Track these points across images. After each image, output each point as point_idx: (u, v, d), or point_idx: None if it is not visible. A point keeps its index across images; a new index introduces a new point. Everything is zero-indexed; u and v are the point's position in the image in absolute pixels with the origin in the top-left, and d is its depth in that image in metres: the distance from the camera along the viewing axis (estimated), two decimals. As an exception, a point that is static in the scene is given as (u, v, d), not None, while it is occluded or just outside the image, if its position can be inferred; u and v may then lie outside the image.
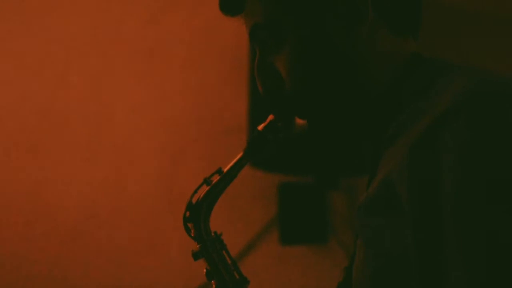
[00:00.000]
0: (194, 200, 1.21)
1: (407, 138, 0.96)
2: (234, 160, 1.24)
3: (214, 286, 1.16)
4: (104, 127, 2.78)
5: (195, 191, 1.21)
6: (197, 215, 1.19)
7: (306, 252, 2.76)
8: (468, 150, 0.90)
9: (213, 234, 1.20)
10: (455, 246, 0.89)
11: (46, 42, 2.77)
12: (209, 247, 1.18)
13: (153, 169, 2.77)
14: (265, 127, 1.19)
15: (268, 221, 2.77)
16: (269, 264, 2.76)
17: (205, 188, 1.22)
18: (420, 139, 0.94)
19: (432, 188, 0.91)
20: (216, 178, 1.22)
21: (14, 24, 2.76)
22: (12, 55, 2.76)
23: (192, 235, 1.19)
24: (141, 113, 2.79)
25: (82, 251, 2.75)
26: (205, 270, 1.17)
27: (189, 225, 1.20)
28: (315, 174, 2.65)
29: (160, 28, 2.78)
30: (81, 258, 2.75)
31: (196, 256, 1.18)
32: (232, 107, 2.77)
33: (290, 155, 2.50)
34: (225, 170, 1.23)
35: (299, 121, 1.12)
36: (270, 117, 1.19)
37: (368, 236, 1.00)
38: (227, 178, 1.22)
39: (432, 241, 0.91)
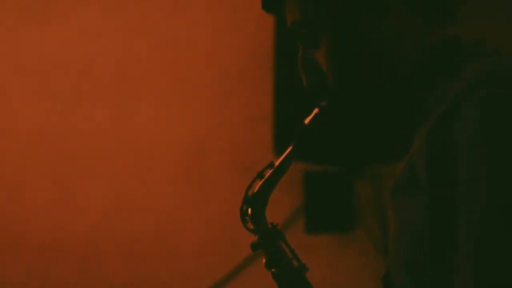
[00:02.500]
0: (249, 194, 1.31)
1: (430, 121, 1.04)
2: (284, 154, 1.32)
3: (273, 274, 1.27)
4: (129, 117, 2.87)
5: (250, 185, 1.31)
6: (253, 208, 1.30)
7: (332, 241, 2.85)
8: (480, 131, 0.97)
9: (269, 225, 1.32)
10: (467, 224, 0.96)
11: (71, 33, 2.85)
12: (266, 238, 1.29)
13: (177, 158, 2.86)
14: (311, 120, 1.28)
15: (294, 210, 2.85)
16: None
17: (259, 182, 1.32)
18: (437, 120, 1.01)
19: (447, 168, 0.98)
20: (268, 172, 1.32)
21: (40, 16, 2.84)
22: (37, 46, 2.85)
23: (250, 227, 1.30)
24: (165, 103, 2.87)
25: (105, 240, 2.84)
26: (264, 260, 1.29)
27: (247, 218, 1.31)
28: (341, 163, 2.75)
29: (183, 17, 2.85)
30: (103, 248, 2.84)
31: (254, 247, 1.29)
32: (256, 96, 2.84)
33: (316, 143, 2.60)
34: (277, 163, 1.33)
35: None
36: (316, 111, 1.28)
37: (397, 218, 1.08)
38: (279, 171, 1.31)
39: (445, 219, 0.98)
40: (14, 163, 2.86)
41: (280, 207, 2.87)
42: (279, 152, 2.70)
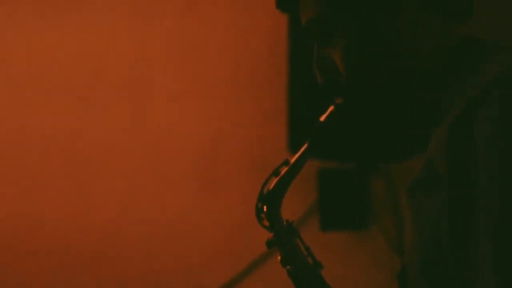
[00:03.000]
0: (265, 191, 1.32)
1: (450, 118, 1.05)
2: (300, 152, 1.33)
3: (288, 271, 1.29)
4: (143, 116, 2.89)
5: (265, 182, 1.32)
6: (269, 205, 1.32)
7: (347, 239, 2.87)
8: (500, 128, 0.97)
9: (285, 222, 1.33)
10: (487, 221, 0.96)
11: (85, 34, 2.88)
12: (282, 235, 1.30)
13: (192, 156, 2.88)
14: (326, 117, 1.29)
15: (309, 207, 2.87)
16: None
17: (274, 179, 1.34)
18: (458, 117, 1.02)
19: (467, 166, 0.98)
20: (284, 169, 1.34)
21: (52, 18, 2.88)
22: (51, 47, 2.88)
23: (265, 224, 1.31)
24: (179, 101, 2.89)
25: (119, 238, 2.87)
26: (279, 258, 1.30)
27: (262, 215, 1.32)
28: (355, 160, 2.76)
29: (197, 15, 2.88)
30: (118, 247, 2.87)
31: (270, 244, 1.30)
32: (271, 93, 2.87)
33: (330, 140, 2.61)
34: (292, 161, 1.34)
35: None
36: (331, 108, 1.29)
37: (414, 217, 1.09)
38: (294, 168, 1.33)
39: (465, 218, 0.99)
40: (30, 163, 2.89)
41: (294, 205, 2.87)
42: (293, 149, 2.73)
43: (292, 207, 2.83)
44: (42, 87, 2.88)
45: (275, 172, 1.33)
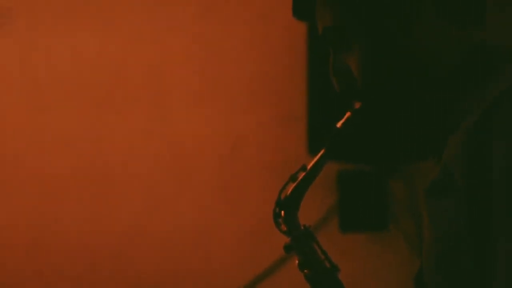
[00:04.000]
0: (282, 197, 1.37)
1: (466, 124, 1.08)
2: (317, 157, 1.38)
3: (306, 275, 1.34)
4: (163, 118, 2.93)
5: (283, 188, 1.37)
6: (286, 210, 1.37)
7: (367, 240, 2.90)
8: None
9: (302, 227, 1.38)
10: (505, 222, 1.00)
11: (103, 37, 2.92)
12: (299, 239, 1.35)
13: (211, 158, 2.92)
14: (343, 124, 1.33)
15: (328, 209, 2.90)
16: (328, 252, 2.90)
17: (292, 185, 1.39)
18: (476, 123, 1.06)
19: (486, 169, 1.02)
20: (301, 175, 1.38)
21: (72, 19, 2.91)
22: (71, 48, 2.91)
23: (283, 229, 1.36)
24: (200, 102, 2.93)
25: (139, 239, 2.91)
26: (297, 262, 1.35)
27: (280, 220, 1.37)
28: (375, 162, 2.80)
29: (216, 19, 2.91)
30: (137, 248, 2.91)
31: (287, 249, 1.35)
32: (290, 95, 2.90)
33: (350, 142, 2.65)
34: (309, 167, 1.39)
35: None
36: (348, 114, 1.33)
37: (431, 220, 1.12)
38: (312, 174, 1.38)
39: (483, 220, 1.02)
40: (49, 166, 2.92)
41: (314, 207, 2.92)
42: (313, 153, 2.75)
43: (312, 209, 2.88)
44: (61, 90, 2.92)
45: (293, 178, 1.38)
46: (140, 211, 2.92)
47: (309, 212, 2.85)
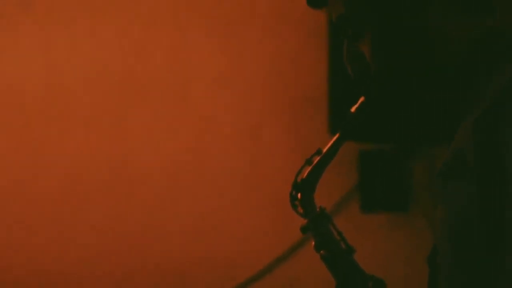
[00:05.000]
0: (298, 180, 1.43)
1: (477, 110, 1.13)
2: (331, 141, 1.43)
3: (322, 256, 1.39)
4: (184, 100, 2.98)
5: (299, 171, 1.43)
6: (302, 193, 1.43)
7: (387, 220, 2.95)
8: None
9: (318, 209, 1.44)
10: None
11: (124, 19, 2.96)
12: (315, 221, 1.41)
13: (233, 140, 2.96)
14: (357, 108, 1.38)
15: (349, 189, 2.94)
16: (349, 232, 2.90)
17: (307, 168, 1.44)
18: (485, 111, 1.10)
19: (496, 154, 1.07)
20: (316, 159, 1.44)
21: (92, 4, 2.96)
22: (93, 32, 2.96)
23: (300, 211, 1.42)
24: (220, 85, 2.97)
25: (164, 220, 2.96)
26: (313, 243, 1.41)
27: (296, 202, 1.43)
28: (396, 142, 2.83)
29: (237, 1, 2.95)
30: (163, 227, 2.96)
31: (304, 230, 1.41)
32: (311, 76, 2.93)
33: (371, 122, 2.69)
34: (324, 150, 1.44)
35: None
36: (361, 99, 1.38)
37: (443, 202, 1.16)
38: (327, 157, 1.43)
39: (494, 203, 1.07)
40: (74, 148, 2.97)
41: (335, 186, 2.96)
42: (334, 133, 2.79)
43: (333, 189, 2.93)
44: (82, 74, 2.96)
45: (308, 161, 1.43)
46: (161, 196, 2.97)
47: (330, 192, 2.92)
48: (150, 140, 2.97)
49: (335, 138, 1.42)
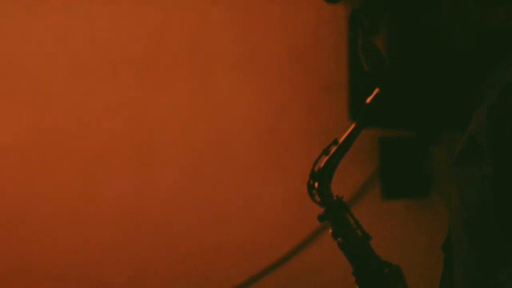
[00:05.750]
0: (316, 169, 1.48)
1: (490, 97, 1.17)
2: (348, 132, 1.47)
3: (339, 243, 1.44)
4: (205, 85, 3.01)
5: (316, 161, 1.47)
6: (319, 182, 1.48)
7: (408, 207, 2.99)
8: None
9: (335, 198, 1.49)
10: None
11: (145, 3, 2.99)
12: (332, 209, 1.46)
13: (253, 126, 3.01)
14: (372, 99, 1.43)
15: (369, 176, 2.99)
16: (370, 218, 2.90)
17: (324, 158, 1.49)
18: (498, 98, 1.14)
19: (509, 141, 1.10)
20: (333, 148, 1.49)
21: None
22: (112, 18, 3.00)
23: (317, 200, 1.47)
24: (240, 71, 3.00)
25: (184, 206, 3.00)
26: (330, 231, 1.46)
27: (314, 191, 1.48)
28: (416, 128, 2.86)
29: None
30: (183, 213, 3.00)
31: (321, 218, 1.46)
32: (331, 63, 2.97)
33: (391, 109, 2.71)
34: (340, 140, 1.49)
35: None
36: (376, 90, 1.42)
37: (459, 188, 1.19)
38: (343, 147, 1.47)
39: (509, 188, 1.09)
40: (96, 132, 3.01)
41: (355, 173, 2.99)
42: (354, 120, 2.82)
43: (354, 176, 2.97)
44: (102, 59, 3.00)
45: (325, 151, 1.48)
46: (183, 180, 3.01)
47: (350, 179, 2.95)
48: (170, 126, 3.01)
49: (351, 128, 1.47)
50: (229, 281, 2.97)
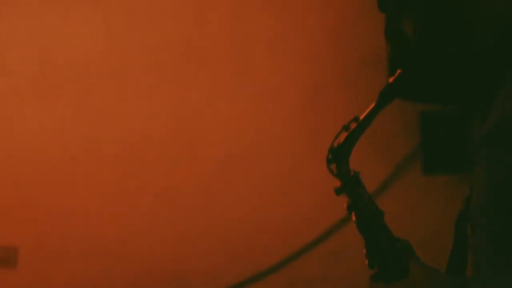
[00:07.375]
0: (335, 144, 1.57)
1: None
2: (368, 109, 1.55)
3: (354, 217, 1.53)
4: (246, 62, 3.11)
5: (336, 137, 1.56)
6: (338, 157, 1.56)
7: (449, 182, 3.04)
8: None
9: (352, 172, 1.57)
10: None
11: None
12: (349, 184, 1.54)
13: (293, 102, 3.09)
14: (394, 79, 1.50)
15: (411, 151, 3.05)
16: (411, 193, 3.04)
17: (344, 134, 1.57)
18: None
19: None
20: (353, 125, 1.57)
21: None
22: (151, 1, 3.12)
23: (335, 173, 1.56)
24: (279, 48, 3.09)
25: (224, 184, 3.11)
26: (346, 204, 1.54)
27: (332, 166, 1.56)
28: (458, 102, 2.90)
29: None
30: (220, 196, 3.11)
31: (338, 191, 1.54)
32: (370, 39, 3.04)
33: (431, 83, 2.76)
34: (361, 117, 1.57)
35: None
36: (399, 71, 1.49)
37: (487, 167, 1.23)
38: (363, 125, 1.55)
39: None
40: (132, 117, 3.14)
41: (397, 148, 3.06)
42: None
43: (395, 151, 3.01)
44: (143, 46, 3.11)
45: (345, 127, 1.56)
46: (223, 159, 3.11)
47: (392, 154, 3.00)
48: (209, 106, 3.11)
49: (371, 106, 1.54)
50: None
